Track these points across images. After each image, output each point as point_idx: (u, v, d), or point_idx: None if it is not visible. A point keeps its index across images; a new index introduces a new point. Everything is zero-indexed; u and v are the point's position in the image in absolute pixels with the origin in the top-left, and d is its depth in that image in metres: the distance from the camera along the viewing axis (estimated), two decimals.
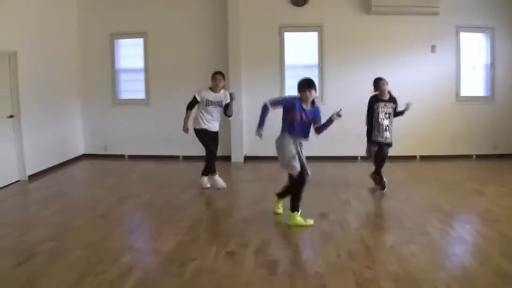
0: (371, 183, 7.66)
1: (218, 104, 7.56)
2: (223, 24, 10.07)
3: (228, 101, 7.60)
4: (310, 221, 5.91)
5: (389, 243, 5.24)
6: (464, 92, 10.14)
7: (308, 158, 6.01)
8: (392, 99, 7.41)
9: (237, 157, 10.21)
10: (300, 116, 5.85)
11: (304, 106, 5.89)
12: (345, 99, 7.34)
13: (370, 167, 7.58)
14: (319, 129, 5.99)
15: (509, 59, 10.11)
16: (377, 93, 7.38)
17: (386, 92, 7.34)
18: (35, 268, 4.68)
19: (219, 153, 9.83)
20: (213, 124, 7.64)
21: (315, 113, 5.97)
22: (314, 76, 10.02)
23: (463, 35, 10.02)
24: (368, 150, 7.59)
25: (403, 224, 5.88)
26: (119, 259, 4.86)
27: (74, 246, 5.27)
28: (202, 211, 6.90)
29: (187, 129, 7.63)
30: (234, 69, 10.02)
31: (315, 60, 10.18)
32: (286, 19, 10.12)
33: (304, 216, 5.92)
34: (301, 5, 9.94)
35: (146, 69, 10.65)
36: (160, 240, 5.47)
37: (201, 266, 4.66)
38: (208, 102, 7.50)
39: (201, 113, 7.57)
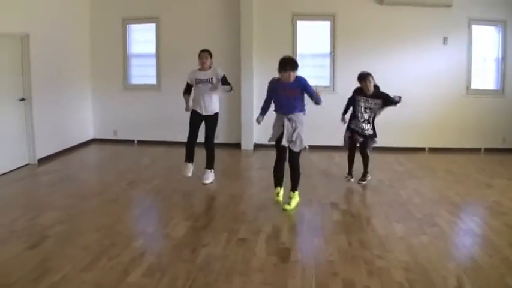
0: (380, 173, 7.63)
1: (208, 81, 7.35)
2: (236, 11, 10.04)
3: (220, 77, 7.37)
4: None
5: (400, 233, 5.27)
6: (475, 85, 10.09)
7: (316, 147, 6.05)
8: (377, 95, 7.17)
9: (246, 145, 10.22)
10: (282, 92, 6.05)
11: (283, 82, 6.04)
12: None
13: (381, 156, 7.53)
14: (314, 99, 6.13)
15: None
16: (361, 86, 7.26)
17: (371, 88, 7.15)
18: (47, 251, 4.75)
19: (227, 140, 9.93)
20: (203, 105, 7.37)
21: (298, 84, 6.04)
22: (326, 65, 10.13)
23: (475, 28, 9.94)
24: (344, 137, 7.60)
25: (412, 214, 5.92)
26: (130, 243, 4.92)
27: (86, 230, 5.34)
28: (213, 197, 6.92)
29: (189, 108, 7.52)
30: (246, 56, 10.02)
31: (327, 49, 10.13)
32: (299, 7, 10.07)
33: (314, 204, 5.95)
34: None
35: (158, 55, 10.65)
36: (171, 226, 5.51)
37: (212, 252, 4.71)
38: (198, 81, 7.38)
39: (194, 94, 7.50)
